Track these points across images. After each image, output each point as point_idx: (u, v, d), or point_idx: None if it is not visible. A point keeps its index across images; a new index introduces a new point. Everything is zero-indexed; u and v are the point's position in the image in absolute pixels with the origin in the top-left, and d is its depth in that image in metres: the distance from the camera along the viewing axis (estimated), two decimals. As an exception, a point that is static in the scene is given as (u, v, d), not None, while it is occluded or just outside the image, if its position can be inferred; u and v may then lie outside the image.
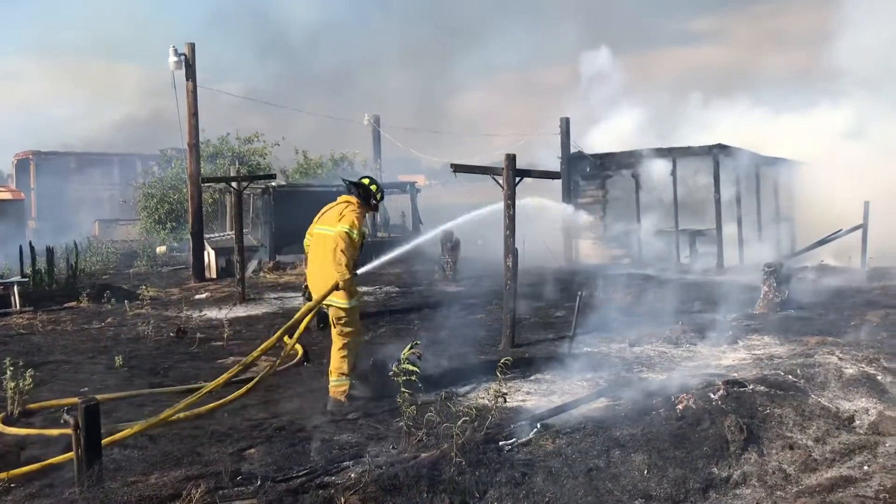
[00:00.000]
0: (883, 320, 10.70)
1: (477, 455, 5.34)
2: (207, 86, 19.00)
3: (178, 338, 10.60)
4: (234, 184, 15.31)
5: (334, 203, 7.53)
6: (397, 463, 5.23)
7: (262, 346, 6.94)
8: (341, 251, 7.08)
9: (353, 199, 7.48)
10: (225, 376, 6.60)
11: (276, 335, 7.16)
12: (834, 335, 9.62)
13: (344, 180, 7.86)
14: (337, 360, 7.33)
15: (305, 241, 7.71)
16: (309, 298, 7.96)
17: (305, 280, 11.25)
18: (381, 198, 7.80)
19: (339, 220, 7.25)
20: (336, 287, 7.13)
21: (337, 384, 7.29)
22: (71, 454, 5.15)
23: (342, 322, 7.34)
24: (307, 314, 7.30)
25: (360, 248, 7.40)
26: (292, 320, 7.27)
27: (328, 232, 7.25)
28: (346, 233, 7.15)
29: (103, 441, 5.29)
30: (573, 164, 23.52)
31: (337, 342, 7.37)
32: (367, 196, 7.60)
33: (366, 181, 7.67)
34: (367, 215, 7.84)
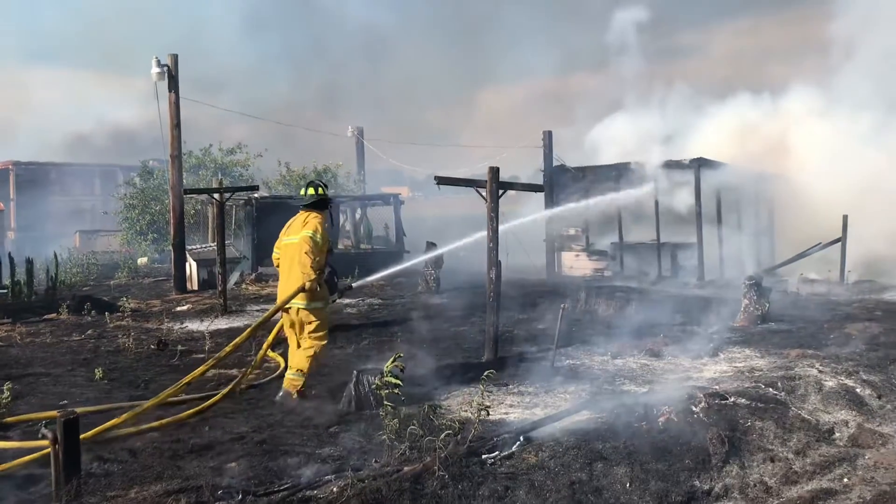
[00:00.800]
0: (862, 333, 10.80)
1: (460, 468, 5.33)
2: (191, 97, 18.92)
3: (159, 350, 10.52)
4: (216, 195, 15.25)
5: (302, 216, 8.00)
6: (380, 477, 5.21)
7: (234, 343, 7.07)
8: (306, 253, 7.55)
9: (313, 211, 7.98)
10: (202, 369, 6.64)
11: (244, 335, 7.67)
12: (814, 348, 9.70)
13: (318, 193, 8.15)
14: (301, 359, 7.72)
15: (274, 256, 8.16)
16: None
17: None
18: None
19: (304, 227, 7.77)
20: (302, 289, 7.54)
21: (294, 378, 7.70)
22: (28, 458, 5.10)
23: (312, 327, 7.74)
24: (272, 314, 7.53)
25: (327, 254, 7.84)
26: (257, 321, 7.47)
27: (293, 241, 7.78)
28: (311, 237, 7.63)
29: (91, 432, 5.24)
30: (556, 177, 23.62)
31: (306, 343, 7.76)
32: (326, 203, 8.14)
33: (320, 191, 8.09)
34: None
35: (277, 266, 8.14)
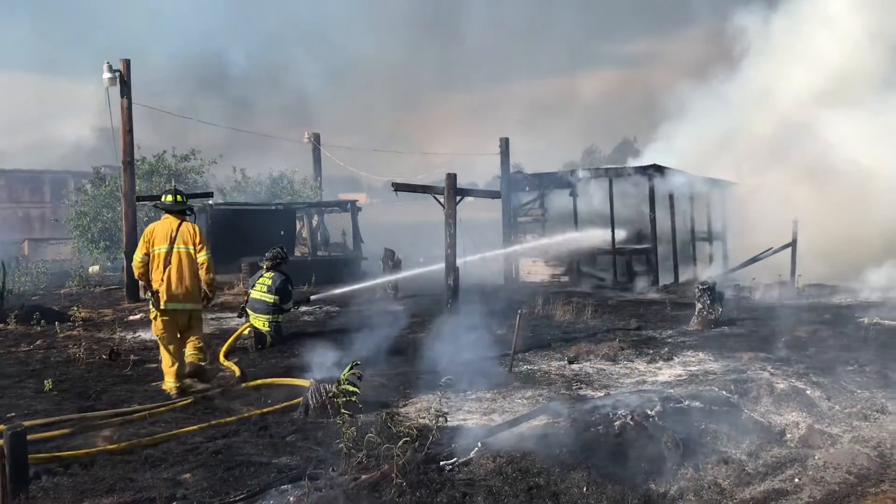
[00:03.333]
0: (812, 336, 11.04)
1: (418, 476, 5.31)
2: (143, 102, 18.63)
3: (112, 360, 10.31)
4: (170, 202, 15.00)
5: (167, 219, 8.72)
6: (337, 486, 5.16)
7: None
8: (210, 274, 8.69)
9: (180, 218, 8.76)
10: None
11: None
12: (766, 351, 9.89)
13: (179, 200, 8.90)
14: (202, 342, 8.95)
15: (142, 256, 8.57)
16: (243, 316, 10.30)
17: (245, 300, 11.22)
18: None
19: (193, 240, 8.62)
20: (209, 300, 9.04)
21: (199, 354, 8.79)
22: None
23: (200, 322, 9.01)
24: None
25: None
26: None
27: (188, 250, 8.58)
28: (209, 257, 8.71)
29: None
30: (513, 184, 23.76)
31: (199, 334, 8.91)
32: (189, 209, 9.06)
33: (180, 198, 8.88)
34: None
35: (143, 264, 8.57)
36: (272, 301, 11.45)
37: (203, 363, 8.84)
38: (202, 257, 8.62)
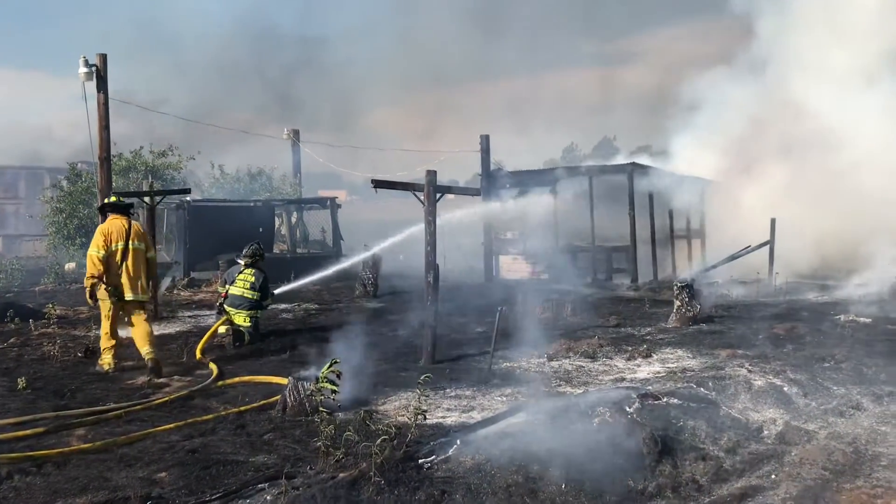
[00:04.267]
0: (789, 333, 11.13)
1: (396, 474, 5.28)
2: (120, 98, 18.41)
3: (87, 358, 10.18)
4: (146, 198, 14.89)
5: (118, 219, 9.60)
6: (314, 484, 5.12)
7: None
8: (155, 268, 10.18)
9: (127, 217, 9.74)
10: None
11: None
12: (743, 348, 9.95)
13: (119, 201, 10.00)
14: (151, 335, 9.54)
15: (100, 254, 9.28)
16: (222, 313, 10.80)
17: (222, 297, 11.16)
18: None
19: (145, 239, 9.79)
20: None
21: (152, 353, 9.36)
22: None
23: (146, 310, 9.84)
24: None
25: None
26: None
27: (141, 248, 9.62)
28: (155, 254, 10.19)
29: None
30: (493, 181, 23.75)
31: (149, 325, 9.62)
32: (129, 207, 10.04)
33: (123, 199, 10.15)
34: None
35: (100, 262, 9.30)
36: (254, 297, 11.40)
37: (157, 358, 9.40)
38: (152, 254, 9.98)
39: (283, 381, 7.81)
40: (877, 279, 16.37)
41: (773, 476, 5.71)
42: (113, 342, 9.52)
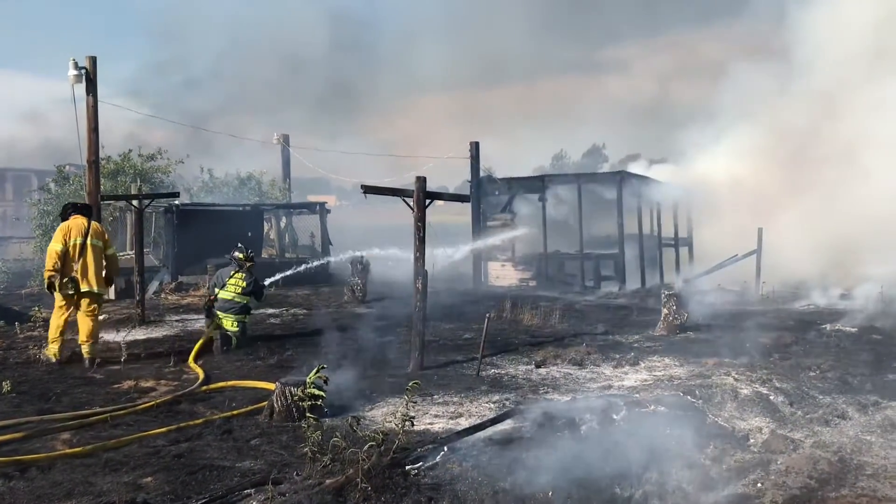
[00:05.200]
0: (775, 342, 11.18)
1: (383, 480, 5.27)
2: (109, 100, 18.35)
3: (73, 362, 10.12)
4: (135, 202, 14.82)
5: (79, 218, 10.32)
6: (301, 490, 5.11)
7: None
8: (115, 264, 10.68)
9: (88, 217, 10.49)
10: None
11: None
12: (730, 357, 9.99)
13: (76, 205, 10.84)
14: (95, 331, 10.30)
15: (61, 248, 9.97)
16: (210, 317, 11.09)
17: (212, 299, 11.15)
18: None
19: (103, 237, 10.43)
20: (111, 284, 10.99)
21: (93, 351, 10.11)
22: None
23: (100, 305, 10.51)
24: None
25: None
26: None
27: (99, 245, 10.25)
28: (115, 251, 10.81)
29: None
30: (483, 188, 23.80)
31: (95, 321, 10.29)
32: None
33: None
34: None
35: (60, 255, 9.95)
36: (245, 302, 11.37)
37: (94, 357, 10.10)
38: (111, 251, 10.54)
39: (271, 386, 7.78)
40: (862, 290, 16.50)
41: (758, 484, 5.73)
42: (57, 333, 10.12)
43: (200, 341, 10.84)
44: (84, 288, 10.09)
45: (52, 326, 10.21)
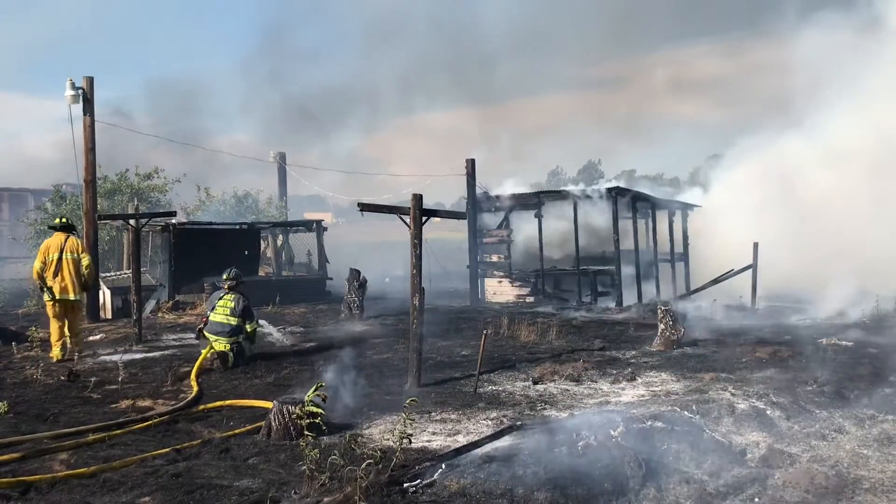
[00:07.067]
0: (772, 357, 11.20)
1: (381, 498, 5.28)
2: (106, 120, 18.41)
3: (70, 381, 10.12)
4: (131, 221, 14.84)
5: (59, 235, 12.03)
6: (299, 508, 5.11)
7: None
8: (91, 272, 12.33)
9: (66, 234, 12.06)
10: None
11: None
12: (727, 371, 10.01)
13: (63, 222, 12.44)
14: (75, 327, 12.24)
15: (39, 265, 11.82)
16: (200, 339, 11.56)
17: (203, 321, 11.16)
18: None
19: (77, 250, 12.04)
20: (89, 289, 13.00)
21: (78, 346, 12.11)
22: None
23: (81, 311, 12.99)
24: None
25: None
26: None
27: (74, 257, 11.93)
28: (91, 259, 12.38)
29: None
30: (479, 204, 23.85)
31: (75, 321, 12.28)
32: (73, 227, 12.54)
33: (65, 220, 12.52)
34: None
35: (39, 271, 11.83)
36: (235, 323, 11.35)
37: (80, 350, 12.10)
38: (86, 260, 12.10)
39: (268, 404, 7.78)
40: (858, 304, 16.53)
41: (756, 499, 5.75)
42: (57, 336, 11.91)
43: (199, 359, 10.83)
44: (59, 296, 11.82)
45: (51, 332, 11.97)
